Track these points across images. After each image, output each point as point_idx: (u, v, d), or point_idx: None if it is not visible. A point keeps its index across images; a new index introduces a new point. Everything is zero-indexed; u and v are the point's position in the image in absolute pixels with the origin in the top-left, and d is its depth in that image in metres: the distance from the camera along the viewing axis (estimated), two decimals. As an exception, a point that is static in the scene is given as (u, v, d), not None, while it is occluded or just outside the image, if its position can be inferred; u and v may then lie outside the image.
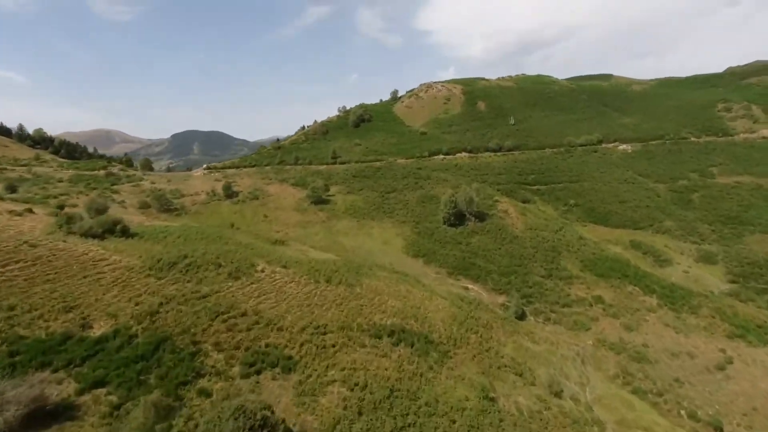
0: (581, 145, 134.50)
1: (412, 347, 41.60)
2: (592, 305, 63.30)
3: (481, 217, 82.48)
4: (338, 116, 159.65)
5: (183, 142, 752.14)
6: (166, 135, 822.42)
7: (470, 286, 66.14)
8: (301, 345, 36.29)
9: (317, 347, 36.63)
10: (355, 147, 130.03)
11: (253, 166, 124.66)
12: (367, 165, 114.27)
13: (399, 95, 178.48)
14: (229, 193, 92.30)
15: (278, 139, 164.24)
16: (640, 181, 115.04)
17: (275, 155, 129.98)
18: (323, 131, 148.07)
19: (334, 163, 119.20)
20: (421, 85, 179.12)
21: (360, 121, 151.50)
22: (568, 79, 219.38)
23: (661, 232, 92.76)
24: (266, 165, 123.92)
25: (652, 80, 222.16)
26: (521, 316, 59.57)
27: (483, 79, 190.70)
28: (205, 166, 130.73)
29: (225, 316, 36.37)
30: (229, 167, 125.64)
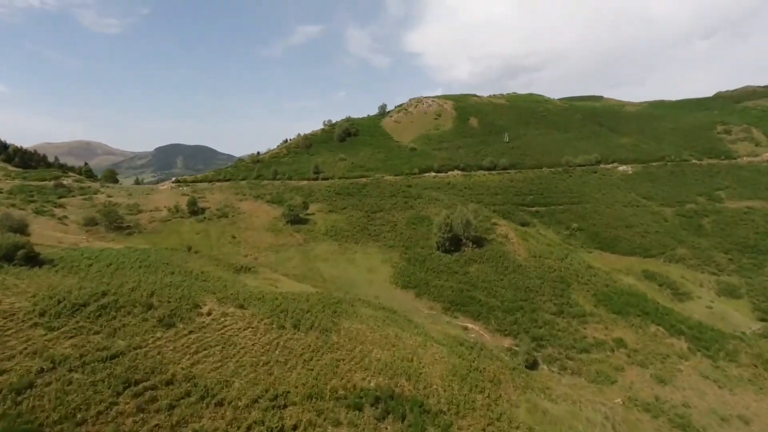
0: (580, 165, 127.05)
1: (403, 421, 31.08)
2: (613, 350, 53.52)
3: (479, 242, 72.83)
4: (323, 129, 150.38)
5: (167, 155, 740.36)
6: (151, 148, 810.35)
7: (470, 326, 55.95)
8: (248, 430, 25.53)
9: None
10: (339, 162, 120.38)
11: (228, 180, 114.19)
12: (352, 181, 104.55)
13: (387, 110, 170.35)
14: (194, 210, 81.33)
15: (258, 153, 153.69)
16: (644, 204, 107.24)
17: (253, 169, 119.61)
18: (306, 145, 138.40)
19: (316, 178, 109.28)
20: (410, 99, 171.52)
21: (346, 135, 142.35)
22: (559, 100, 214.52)
23: (675, 260, 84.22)
24: (242, 179, 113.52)
25: (643, 102, 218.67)
26: (533, 365, 49.46)
27: (474, 95, 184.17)
28: (174, 179, 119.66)
29: (140, 387, 25.49)
30: (201, 181, 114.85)
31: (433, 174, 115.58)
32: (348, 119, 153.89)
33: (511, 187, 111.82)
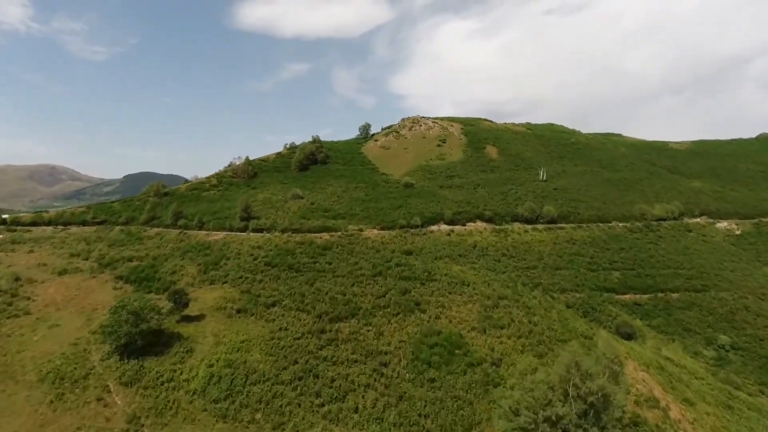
0: (661, 219, 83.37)
1: None
2: None
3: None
4: (278, 154, 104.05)
5: (136, 183, 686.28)
6: (120, 175, 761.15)
7: None
8: None
9: None
10: (290, 201, 73.50)
11: (100, 224, 66.69)
12: (304, 238, 57.23)
13: (371, 132, 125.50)
14: None
15: (186, 181, 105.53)
16: (803, 291, 62.74)
17: (145, 207, 72.01)
18: (249, 173, 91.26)
19: (245, 228, 61.98)
20: (403, 119, 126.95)
21: (310, 161, 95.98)
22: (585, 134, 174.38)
23: None
24: (123, 223, 65.96)
25: (683, 141, 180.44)
26: None
27: (486, 119, 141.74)
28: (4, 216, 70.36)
29: None
30: (50, 222, 67.13)
31: (447, 227, 69.35)
32: (315, 141, 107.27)
33: (578, 254, 66.16)
